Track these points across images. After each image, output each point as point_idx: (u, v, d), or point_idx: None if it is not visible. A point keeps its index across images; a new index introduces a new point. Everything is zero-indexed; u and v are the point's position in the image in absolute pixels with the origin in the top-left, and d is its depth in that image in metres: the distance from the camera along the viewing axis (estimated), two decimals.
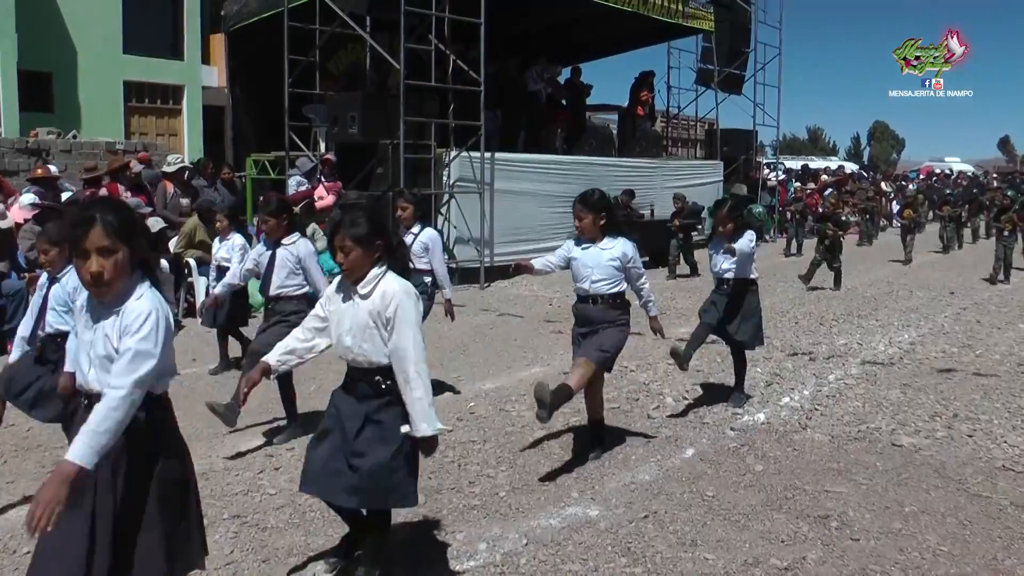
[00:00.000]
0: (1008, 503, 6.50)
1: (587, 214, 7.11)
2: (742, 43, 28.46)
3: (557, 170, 20.42)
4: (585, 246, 7.23)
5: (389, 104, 16.55)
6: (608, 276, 7.10)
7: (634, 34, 27.25)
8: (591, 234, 7.17)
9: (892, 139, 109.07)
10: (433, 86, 17.22)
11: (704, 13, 26.06)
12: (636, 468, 7.11)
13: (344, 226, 4.75)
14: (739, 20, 28.02)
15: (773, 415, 8.69)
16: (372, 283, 4.73)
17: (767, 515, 6.18)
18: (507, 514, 6.14)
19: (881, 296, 16.84)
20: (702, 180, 25.93)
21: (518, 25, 22.64)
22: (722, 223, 8.88)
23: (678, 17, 24.73)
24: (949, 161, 65.50)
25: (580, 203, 7.15)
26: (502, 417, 8.50)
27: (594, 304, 7.16)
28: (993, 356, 11.60)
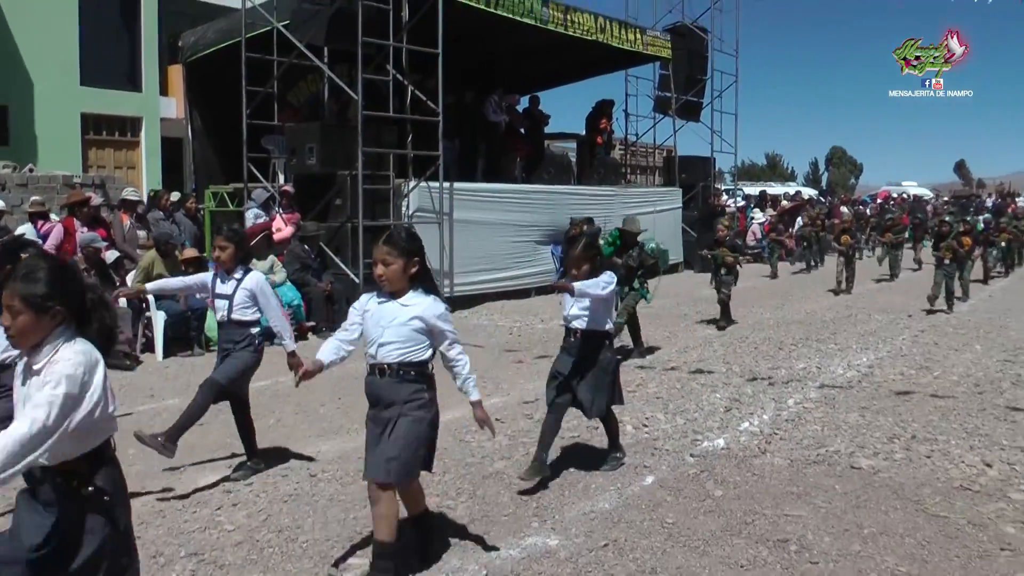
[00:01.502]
0: (966, 522, 6.56)
1: (394, 259, 5.50)
2: (699, 71, 28.67)
3: (516, 199, 20.48)
4: (382, 299, 5.63)
5: (347, 135, 16.55)
6: (402, 339, 5.51)
7: (592, 62, 27.48)
8: (396, 285, 5.54)
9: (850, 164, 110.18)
10: (391, 116, 17.24)
11: (661, 41, 26.28)
12: (596, 497, 7.10)
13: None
14: (696, 48, 28.27)
15: (732, 440, 8.72)
16: None
17: (727, 540, 6.20)
18: (467, 546, 6.12)
19: (840, 320, 16.97)
20: (661, 207, 26.06)
21: (476, 55, 22.74)
22: (575, 264, 7.59)
23: (636, 45, 24.95)
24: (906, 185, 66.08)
25: (385, 244, 5.54)
26: (461, 448, 8.49)
27: (381, 376, 5.56)
28: (951, 377, 11.73)
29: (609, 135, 27.66)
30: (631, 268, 12.98)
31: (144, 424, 9.36)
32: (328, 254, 16.26)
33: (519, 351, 13.41)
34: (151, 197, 18.55)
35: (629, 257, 13.00)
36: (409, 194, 17.60)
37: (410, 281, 5.54)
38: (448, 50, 17.55)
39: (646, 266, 13.19)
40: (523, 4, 20.26)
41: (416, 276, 5.56)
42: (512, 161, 23.37)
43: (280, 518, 6.55)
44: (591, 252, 7.63)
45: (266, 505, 6.81)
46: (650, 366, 12.48)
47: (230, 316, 7.75)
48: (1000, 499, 7.08)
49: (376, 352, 5.53)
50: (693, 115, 29.13)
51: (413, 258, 5.52)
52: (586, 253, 7.57)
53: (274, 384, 11.19)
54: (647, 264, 13.18)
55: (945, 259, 18.52)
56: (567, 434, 8.81)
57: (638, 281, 13.21)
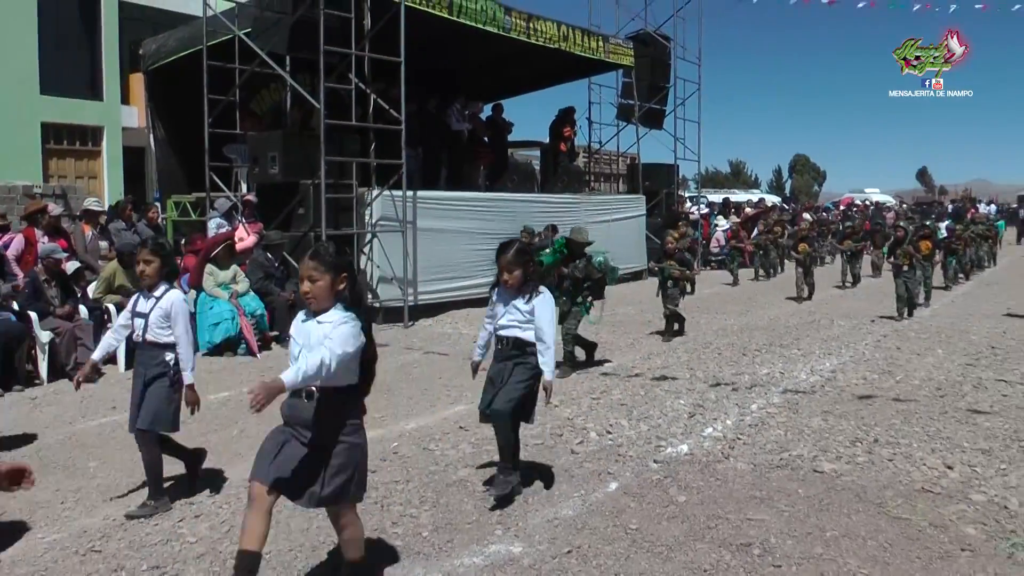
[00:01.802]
0: (927, 524, 6.61)
1: (320, 275, 5.14)
2: (662, 78, 28.83)
3: (480, 207, 20.47)
4: (306, 318, 5.29)
5: (309, 143, 16.52)
6: None
7: (555, 70, 27.48)
8: (322, 303, 5.17)
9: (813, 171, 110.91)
10: (354, 125, 17.21)
11: (624, 49, 26.35)
12: (559, 504, 7.10)
13: None
14: (658, 56, 28.43)
15: (696, 446, 8.72)
16: None
17: (690, 546, 6.21)
18: (430, 554, 6.12)
19: (803, 326, 17.03)
20: (625, 215, 26.12)
21: (439, 63, 22.71)
22: (506, 269, 7.10)
23: (599, 53, 25.00)
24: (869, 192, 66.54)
25: (311, 259, 5.16)
26: (426, 456, 8.45)
27: (308, 399, 5.16)
28: (912, 381, 11.79)
29: (573, 143, 27.71)
30: (576, 279, 12.61)
31: (107, 436, 9.31)
32: (291, 263, 16.21)
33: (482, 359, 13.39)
34: (113, 207, 18.45)
35: (575, 268, 12.61)
36: (372, 203, 17.56)
37: (336, 299, 5.20)
38: (411, 58, 17.52)
39: (592, 279, 12.71)
40: (485, 12, 20.28)
41: (343, 293, 5.22)
42: (475, 169, 23.41)
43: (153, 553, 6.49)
44: (524, 258, 7.16)
45: (229, 516, 6.76)
46: (614, 373, 12.47)
47: (144, 336, 7.23)
48: (961, 500, 7.12)
49: None
50: (656, 123, 29.24)
51: (341, 274, 5.19)
52: (518, 258, 7.12)
53: (238, 395, 11.16)
54: (593, 277, 12.70)
55: (904, 265, 18.18)
56: (531, 442, 8.81)
57: (582, 295, 12.69)
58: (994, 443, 8.80)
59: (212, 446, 8.83)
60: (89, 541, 6.35)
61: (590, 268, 12.63)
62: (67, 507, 7.11)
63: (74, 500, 7.31)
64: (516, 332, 7.17)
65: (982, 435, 9.08)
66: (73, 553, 6.15)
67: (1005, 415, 9.90)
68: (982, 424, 9.51)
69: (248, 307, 14.33)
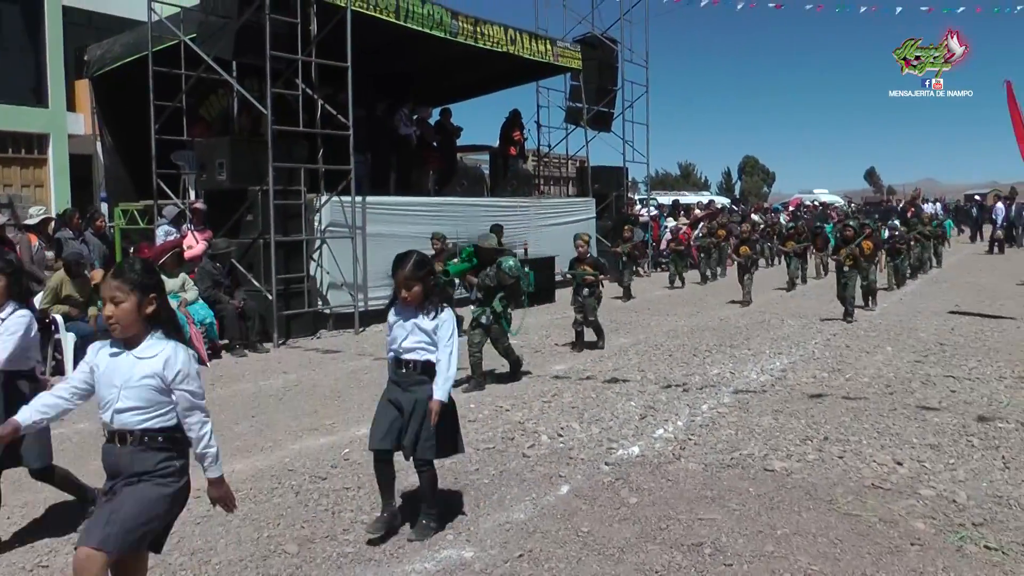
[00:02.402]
0: (877, 520, 6.66)
1: (125, 295, 4.45)
2: (609, 81, 28.84)
3: (430, 212, 20.41)
4: (115, 351, 4.54)
5: (257, 149, 16.40)
6: (143, 403, 4.45)
7: (503, 74, 27.49)
8: (129, 330, 4.48)
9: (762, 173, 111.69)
10: (302, 131, 17.12)
11: (572, 52, 26.36)
12: (511, 508, 7.09)
13: None
14: (606, 59, 28.43)
15: (647, 447, 8.74)
16: None
17: (641, 547, 6.21)
18: (381, 560, 6.09)
19: (753, 326, 17.12)
20: (575, 218, 26.14)
21: (386, 68, 22.67)
22: (403, 285, 6.44)
23: (547, 57, 24.98)
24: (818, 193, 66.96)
25: (114, 278, 4.48)
26: None
27: (122, 445, 4.48)
28: (862, 379, 11.89)
29: (523, 146, 27.70)
30: (489, 288, 12.05)
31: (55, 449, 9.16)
32: (240, 271, 16.10)
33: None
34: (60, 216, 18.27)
35: (486, 276, 12.05)
36: (321, 209, 17.48)
37: (147, 324, 4.51)
38: (358, 63, 17.47)
39: (505, 286, 12.01)
40: (432, 17, 20.23)
41: (153, 317, 4.52)
42: (424, 174, 23.35)
43: (192, 540, 6.43)
44: (422, 271, 6.46)
45: (178, 527, 6.61)
46: (565, 376, 12.47)
47: None
48: (910, 496, 7.19)
49: (112, 418, 4.47)
50: (605, 125, 29.26)
51: (149, 294, 4.48)
52: (416, 272, 6.43)
53: None
54: (506, 284, 11.98)
55: (846, 265, 17.84)
56: (482, 446, 8.81)
57: (500, 304, 12.03)
58: (943, 438, 8.89)
59: None
60: (37, 556, 6.27)
61: (501, 275, 11.96)
62: (13, 522, 6.99)
63: (20, 515, 7.20)
64: (424, 355, 6.48)
65: (931, 431, 9.17)
66: (20, 569, 6.07)
67: (953, 411, 10.00)
68: (931, 420, 9.60)
69: (197, 315, 14.21)
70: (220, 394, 11.73)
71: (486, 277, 12.05)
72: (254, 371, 13.46)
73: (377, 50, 20.39)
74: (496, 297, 12.06)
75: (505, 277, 11.95)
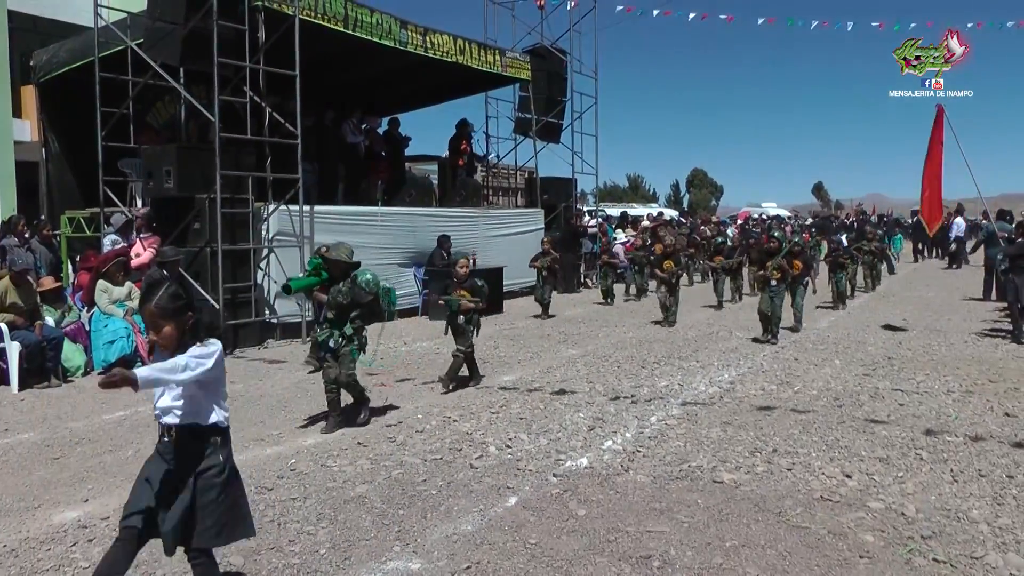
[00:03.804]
0: (826, 532, 6.65)
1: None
2: (558, 92, 28.87)
3: (378, 222, 20.36)
4: None
5: (204, 157, 16.22)
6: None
7: (452, 85, 27.48)
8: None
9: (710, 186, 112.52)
10: (249, 139, 16.98)
11: (521, 63, 26.36)
12: (458, 519, 7.01)
13: None
14: (555, 70, 28.46)
15: (596, 459, 8.69)
16: None
17: (590, 559, 6.16)
18: (328, 572, 6.00)
19: (701, 338, 17.13)
20: (524, 228, 26.14)
21: (335, 77, 22.58)
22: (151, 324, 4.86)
23: (496, 67, 24.96)
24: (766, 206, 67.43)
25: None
26: (324, 473, 8.32)
27: None
28: (811, 392, 11.91)
29: (471, 157, 27.64)
30: (342, 307, 10.27)
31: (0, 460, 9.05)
32: (187, 280, 15.94)
33: (381, 374, 13.24)
34: (5, 223, 18.03)
35: (337, 292, 10.28)
36: (269, 218, 17.36)
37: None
38: (307, 72, 17.37)
39: (361, 305, 10.39)
40: (381, 26, 20.15)
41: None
42: (373, 184, 23.24)
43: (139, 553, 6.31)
44: (176, 304, 4.85)
45: None
46: (513, 387, 12.41)
47: None
48: (859, 508, 7.18)
49: None
50: (553, 136, 29.27)
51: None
52: (168, 306, 4.82)
53: (133, 414, 10.92)
54: (362, 302, 10.37)
55: (773, 279, 16.48)
56: (429, 456, 8.74)
57: (351, 327, 10.32)
58: (891, 451, 8.90)
59: (106, 467, 8.64)
60: None
61: (356, 291, 10.31)
62: None
63: None
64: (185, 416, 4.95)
65: (880, 444, 9.19)
66: None
67: (902, 424, 10.02)
68: (880, 433, 9.61)
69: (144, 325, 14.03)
70: None
71: (338, 294, 10.25)
72: None
73: (326, 59, 20.32)
74: (349, 318, 10.35)
75: (361, 294, 10.32)
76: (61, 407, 11.62)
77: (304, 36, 17.15)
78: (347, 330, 10.28)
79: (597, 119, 31.41)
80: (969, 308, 22.36)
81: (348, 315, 10.29)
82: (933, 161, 20.30)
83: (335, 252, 10.44)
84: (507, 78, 26.59)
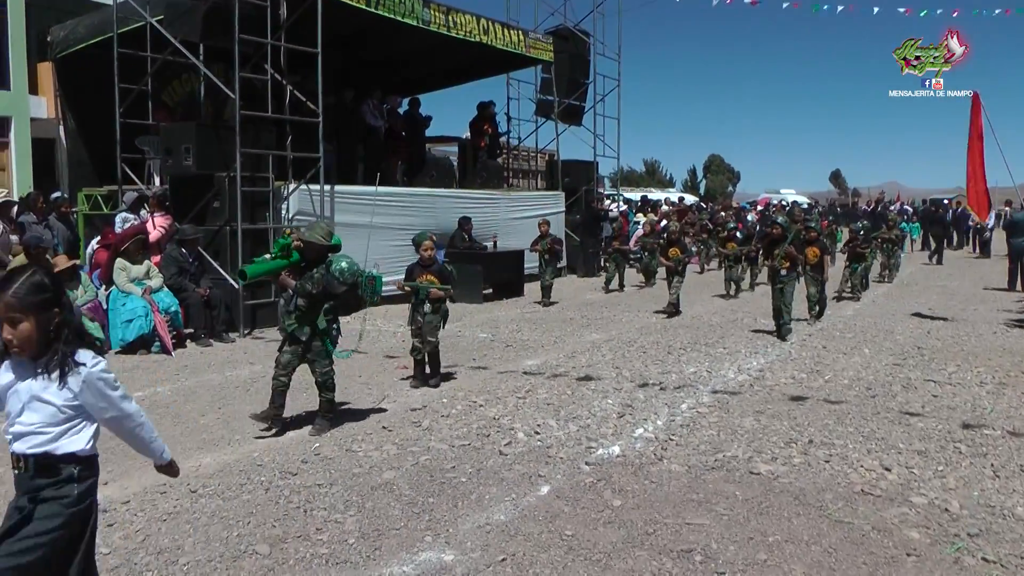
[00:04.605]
0: (870, 528, 6.43)
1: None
2: (581, 74, 28.65)
3: (398, 203, 20.17)
4: None
5: (224, 135, 16.02)
6: None
7: (474, 65, 27.28)
8: None
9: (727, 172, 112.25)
10: (270, 117, 16.76)
11: (544, 44, 26.12)
12: (490, 508, 6.80)
13: None
14: (578, 51, 28.23)
15: (628, 447, 8.48)
16: None
17: (629, 552, 5.95)
18: (357, 562, 5.78)
19: (726, 324, 16.91)
20: (544, 211, 25.91)
21: (355, 56, 22.38)
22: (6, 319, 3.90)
23: (519, 47, 24.73)
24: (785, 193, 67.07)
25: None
26: (349, 458, 8.11)
27: None
28: (842, 381, 11.68)
29: (494, 138, 27.40)
30: (312, 296, 8.93)
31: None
32: (206, 258, 15.73)
33: (403, 357, 13.01)
34: (23, 199, 17.85)
35: (308, 279, 8.90)
36: (289, 197, 17.16)
37: None
38: (327, 51, 17.16)
39: (336, 295, 9.04)
40: (404, 4, 19.93)
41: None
42: (393, 164, 23.06)
43: (159, 538, 6.10)
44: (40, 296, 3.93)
45: (144, 525, 6.35)
46: (538, 372, 12.18)
47: None
48: (902, 503, 6.96)
49: None
50: (575, 119, 29.07)
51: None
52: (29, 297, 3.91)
53: (152, 394, 10.75)
54: (336, 292, 9.00)
55: (782, 269, 15.21)
56: (457, 442, 8.54)
57: (324, 320, 9.04)
58: (929, 444, 8.68)
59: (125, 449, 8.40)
60: None
61: (330, 279, 8.93)
62: None
63: None
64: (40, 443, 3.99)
65: (916, 436, 8.97)
66: None
67: (937, 416, 9.79)
68: (916, 425, 9.39)
69: (162, 303, 13.86)
70: (186, 385, 11.42)
71: (309, 281, 8.92)
72: (220, 361, 13.13)
73: (346, 38, 20.10)
74: (322, 309, 9.04)
75: (335, 284, 8.95)
76: None
77: (326, 13, 16.94)
78: (319, 323, 9.00)
79: (620, 102, 31.09)
80: (994, 298, 22.09)
81: (320, 306, 8.98)
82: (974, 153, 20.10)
83: (311, 232, 9.10)
84: (530, 59, 26.36)
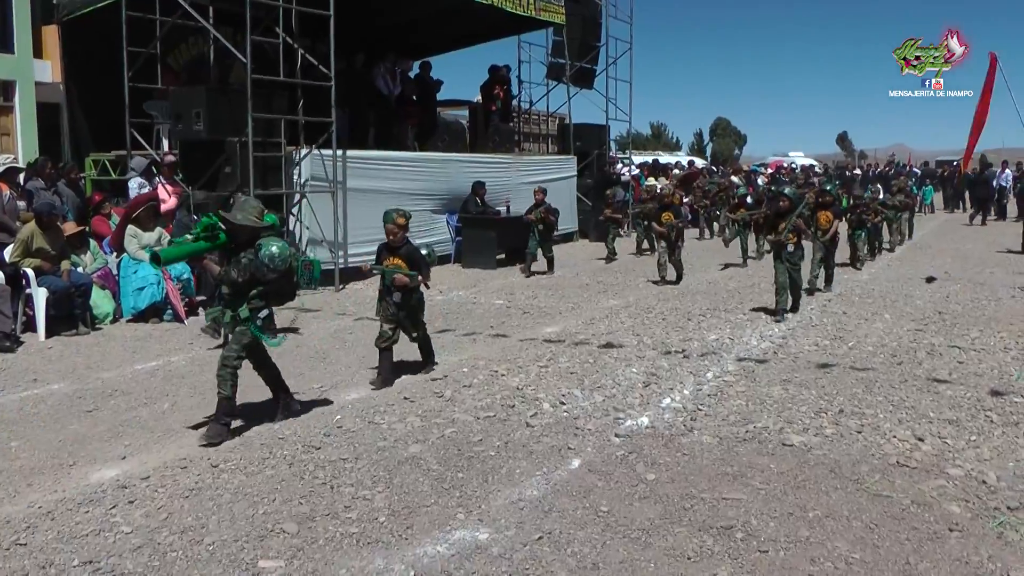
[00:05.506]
0: (910, 502, 6.31)
1: None
2: (593, 37, 28.35)
3: (411, 167, 19.97)
4: None
5: (235, 100, 15.79)
6: None
7: (485, 27, 27.02)
8: None
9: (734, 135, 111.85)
10: (281, 81, 16.52)
11: (555, 7, 25.79)
12: (522, 483, 6.65)
13: None
14: (590, 14, 27.93)
15: (656, 418, 8.34)
16: None
17: (668, 529, 5.80)
18: (389, 542, 5.62)
19: (744, 290, 16.75)
20: (557, 175, 25.69)
21: (367, 20, 22.10)
22: None
23: (529, 10, 24.40)
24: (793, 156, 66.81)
25: None
26: (372, 430, 7.95)
27: None
28: (866, 348, 11.54)
29: (506, 102, 27.15)
30: (237, 284, 7.82)
31: (29, 412, 8.69)
32: None
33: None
34: (31, 165, 17.65)
35: (235, 265, 7.79)
36: (301, 162, 16.96)
37: None
38: (338, 14, 16.91)
39: (266, 283, 7.88)
40: None
41: None
42: (404, 129, 22.84)
43: (182, 516, 5.93)
44: None
45: (166, 502, 6.18)
46: (558, 339, 12.01)
47: None
48: (939, 475, 6.82)
49: None
50: (587, 82, 28.76)
51: None
52: None
53: (166, 364, 10.60)
54: (266, 280, 7.82)
55: (789, 243, 13.78)
56: (481, 414, 8.38)
57: (246, 308, 7.86)
58: (960, 412, 8.54)
59: (142, 421, 8.29)
60: (14, 533, 5.72)
61: (258, 265, 7.71)
62: None
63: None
64: None
65: (946, 404, 8.83)
66: None
67: (965, 383, 9.66)
68: (944, 393, 9.25)
69: (174, 271, 13.68)
70: (198, 354, 11.24)
71: (235, 266, 7.80)
72: None
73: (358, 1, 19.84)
74: (246, 298, 7.89)
75: (264, 271, 7.72)
76: (91, 356, 11.27)
77: None
78: (242, 312, 7.86)
79: (632, 65, 30.74)
80: (1010, 261, 21.92)
81: (246, 294, 7.87)
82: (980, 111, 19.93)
83: (240, 213, 7.92)
84: (541, 22, 26.02)
